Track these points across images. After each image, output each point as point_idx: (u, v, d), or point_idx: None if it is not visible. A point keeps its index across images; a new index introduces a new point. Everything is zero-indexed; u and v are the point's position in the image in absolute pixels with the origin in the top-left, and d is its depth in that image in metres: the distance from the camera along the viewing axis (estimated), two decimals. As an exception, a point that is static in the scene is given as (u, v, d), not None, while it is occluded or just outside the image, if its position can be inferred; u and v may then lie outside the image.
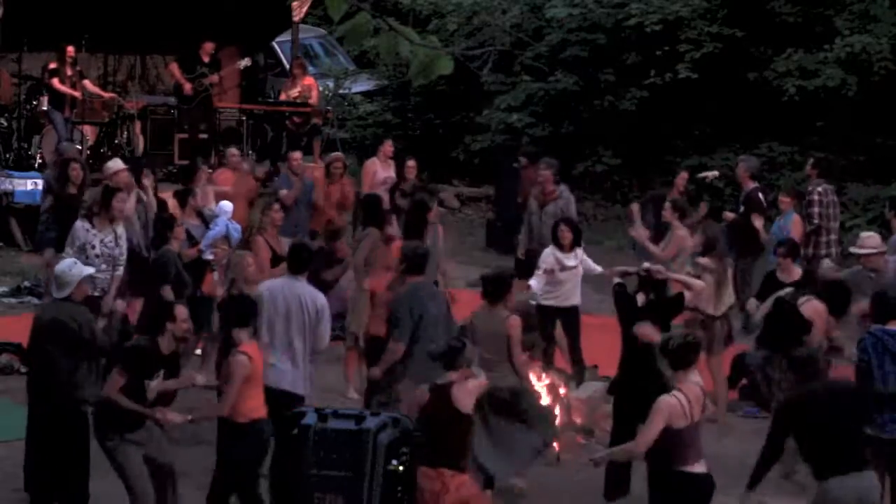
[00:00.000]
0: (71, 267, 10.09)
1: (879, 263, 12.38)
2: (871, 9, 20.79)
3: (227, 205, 14.27)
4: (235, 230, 14.11)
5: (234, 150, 16.59)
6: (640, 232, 14.15)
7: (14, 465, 10.70)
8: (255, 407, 9.55)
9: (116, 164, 14.44)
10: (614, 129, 22.72)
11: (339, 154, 17.08)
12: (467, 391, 9.01)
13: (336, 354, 13.17)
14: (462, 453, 8.98)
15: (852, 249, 13.03)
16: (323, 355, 11.28)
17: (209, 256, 13.40)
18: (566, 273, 13.11)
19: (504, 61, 22.65)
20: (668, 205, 14.08)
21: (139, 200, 13.79)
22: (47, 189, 15.00)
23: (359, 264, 12.96)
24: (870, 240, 12.63)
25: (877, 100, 20.65)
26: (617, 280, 11.29)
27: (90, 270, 10.47)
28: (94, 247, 12.56)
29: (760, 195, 15.14)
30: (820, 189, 15.00)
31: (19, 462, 10.54)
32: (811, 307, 11.27)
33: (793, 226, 14.73)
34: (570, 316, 13.16)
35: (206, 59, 19.57)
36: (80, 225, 12.66)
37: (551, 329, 13.12)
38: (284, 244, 12.91)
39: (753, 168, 15.51)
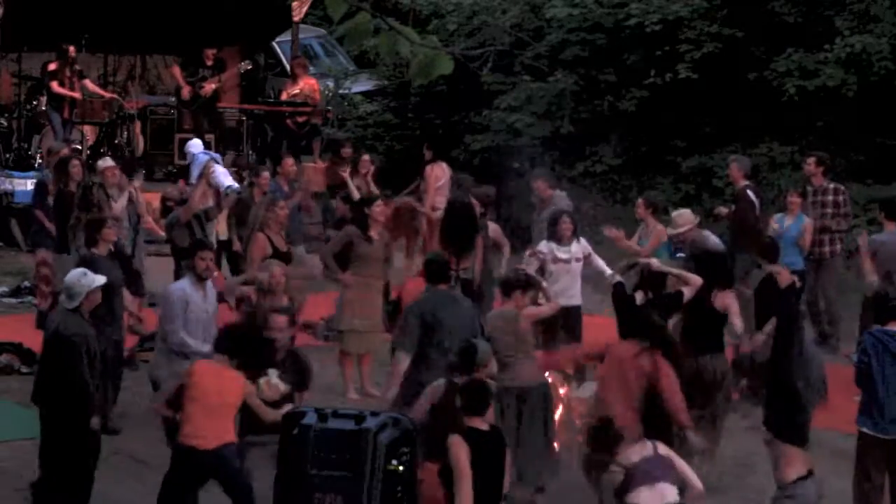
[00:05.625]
0: (80, 277, 9.64)
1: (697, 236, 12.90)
2: (871, 9, 20.77)
3: (197, 142, 15.61)
4: (216, 157, 15.12)
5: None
6: (615, 232, 14.13)
7: (14, 465, 10.69)
8: (188, 433, 9.05)
9: (106, 161, 14.63)
10: (614, 129, 22.69)
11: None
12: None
13: (336, 354, 13.16)
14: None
15: (669, 232, 13.30)
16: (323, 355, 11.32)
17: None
18: (558, 266, 13.07)
19: (504, 61, 22.62)
20: (640, 201, 14.30)
21: (130, 200, 13.81)
22: (42, 188, 14.88)
23: (324, 255, 13.34)
24: (681, 217, 13.15)
25: (877, 100, 20.64)
26: (617, 278, 11.23)
27: (101, 281, 9.92)
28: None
29: (751, 193, 15.13)
30: (842, 189, 15.18)
31: (20, 462, 10.54)
32: (721, 298, 11.11)
33: (804, 229, 14.69)
34: (571, 316, 12.95)
35: (209, 63, 19.57)
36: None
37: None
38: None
39: (745, 167, 15.52)
